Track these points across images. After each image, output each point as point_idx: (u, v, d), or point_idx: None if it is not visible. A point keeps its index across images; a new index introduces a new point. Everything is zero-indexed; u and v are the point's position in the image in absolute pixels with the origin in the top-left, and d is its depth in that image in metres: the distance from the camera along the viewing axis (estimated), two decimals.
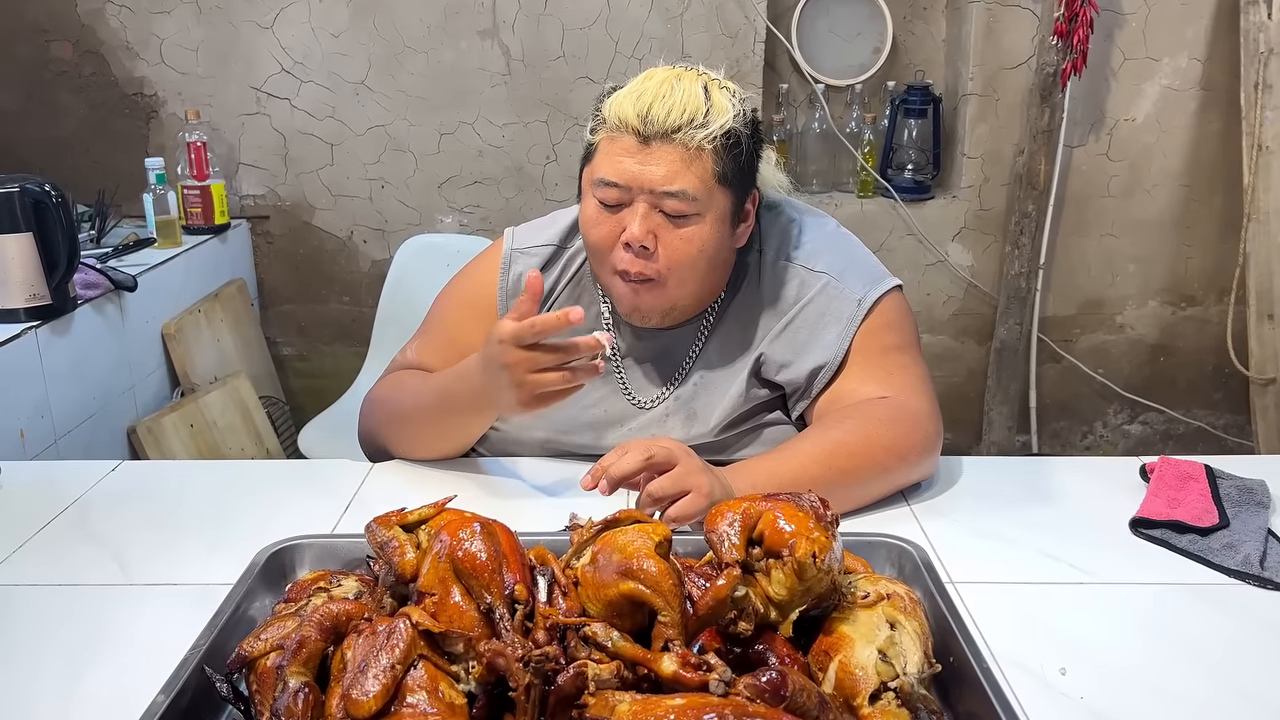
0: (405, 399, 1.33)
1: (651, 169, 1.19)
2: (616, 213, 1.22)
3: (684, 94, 1.19)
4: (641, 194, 1.19)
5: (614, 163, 1.20)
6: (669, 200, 1.19)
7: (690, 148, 1.18)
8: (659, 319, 1.28)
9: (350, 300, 3.09)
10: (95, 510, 1.23)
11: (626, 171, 1.19)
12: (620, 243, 1.21)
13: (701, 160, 1.19)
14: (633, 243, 1.19)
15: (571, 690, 0.73)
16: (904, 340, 1.32)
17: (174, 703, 0.80)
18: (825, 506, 0.88)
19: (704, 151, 1.19)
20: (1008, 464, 1.38)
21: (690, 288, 1.25)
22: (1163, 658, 0.94)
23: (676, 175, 1.18)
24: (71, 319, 2.10)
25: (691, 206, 1.19)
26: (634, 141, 1.19)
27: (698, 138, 1.18)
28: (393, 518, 0.89)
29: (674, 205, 1.19)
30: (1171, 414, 3.11)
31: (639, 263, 1.21)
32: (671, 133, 1.18)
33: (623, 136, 1.20)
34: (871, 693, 0.79)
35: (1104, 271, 3.01)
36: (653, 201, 1.19)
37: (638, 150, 1.19)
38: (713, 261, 1.25)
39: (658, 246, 1.20)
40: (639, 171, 1.19)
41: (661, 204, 1.19)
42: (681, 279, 1.23)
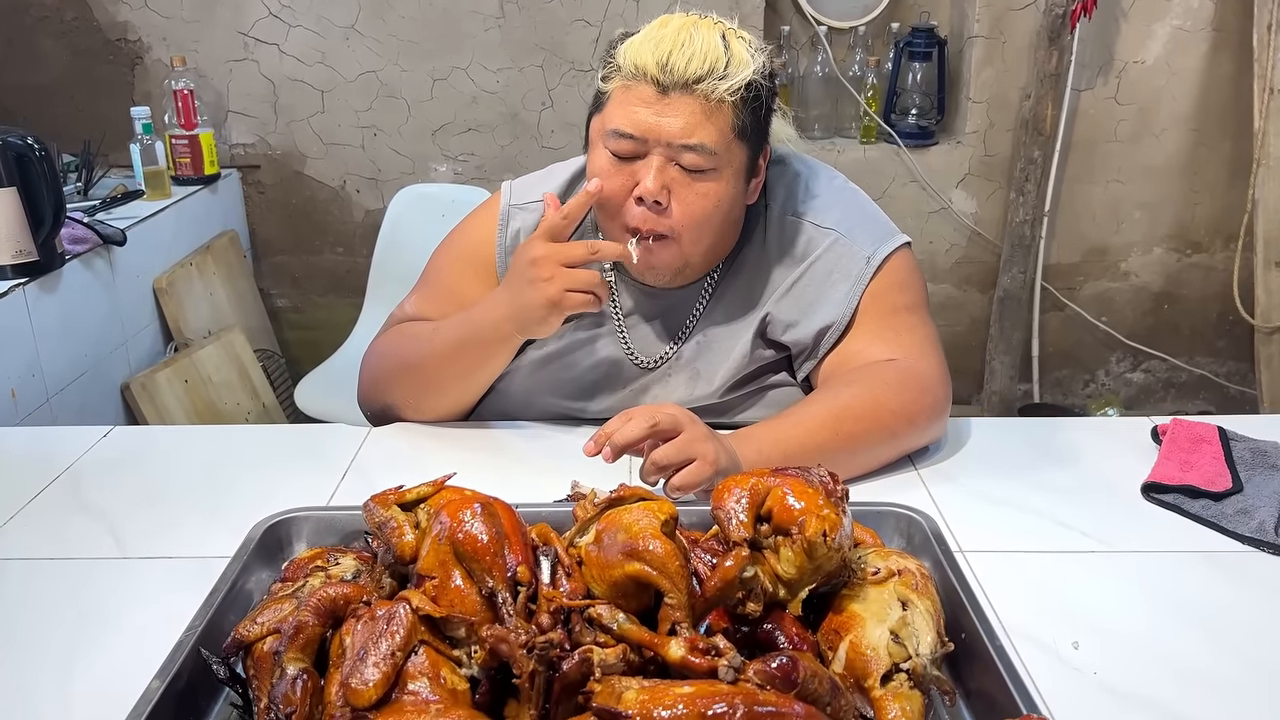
0: (418, 345, 1.29)
1: (669, 120, 1.14)
2: (629, 165, 1.17)
3: (703, 43, 1.14)
4: (658, 146, 1.15)
5: (629, 113, 1.15)
6: (687, 154, 1.15)
7: (711, 100, 1.14)
8: (671, 277, 1.24)
9: (344, 251, 3.05)
10: (87, 479, 1.21)
11: (643, 122, 1.15)
12: (633, 197, 1.17)
13: (721, 113, 1.15)
14: (646, 197, 1.15)
15: (577, 677, 0.71)
16: (913, 300, 1.28)
17: (169, 688, 0.78)
18: (835, 481, 0.86)
19: (724, 104, 1.14)
20: (1016, 425, 1.36)
21: (704, 245, 1.21)
22: (1176, 630, 0.92)
23: (696, 128, 1.14)
24: (60, 275, 2.06)
25: (709, 161, 1.15)
26: (652, 91, 1.14)
27: (719, 89, 1.13)
28: (390, 496, 0.86)
29: (692, 159, 1.15)
30: (1174, 362, 3.09)
31: (652, 218, 1.17)
32: (692, 83, 1.13)
33: (639, 85, 1.15)
34: (883, 674, 0.77)
35: (1109, 218, 2.96)
36: (669, 155, 1.15)
37: (655, 100, 1.14)
38: (727, 218, 1.21)
39: (671, 202, 1.16)
40: (656, 123, 1.14)
41: (679, 157, 1.15)
42: (696, 236, 1.19)
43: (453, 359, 1.26)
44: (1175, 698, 0.83)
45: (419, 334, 1.30)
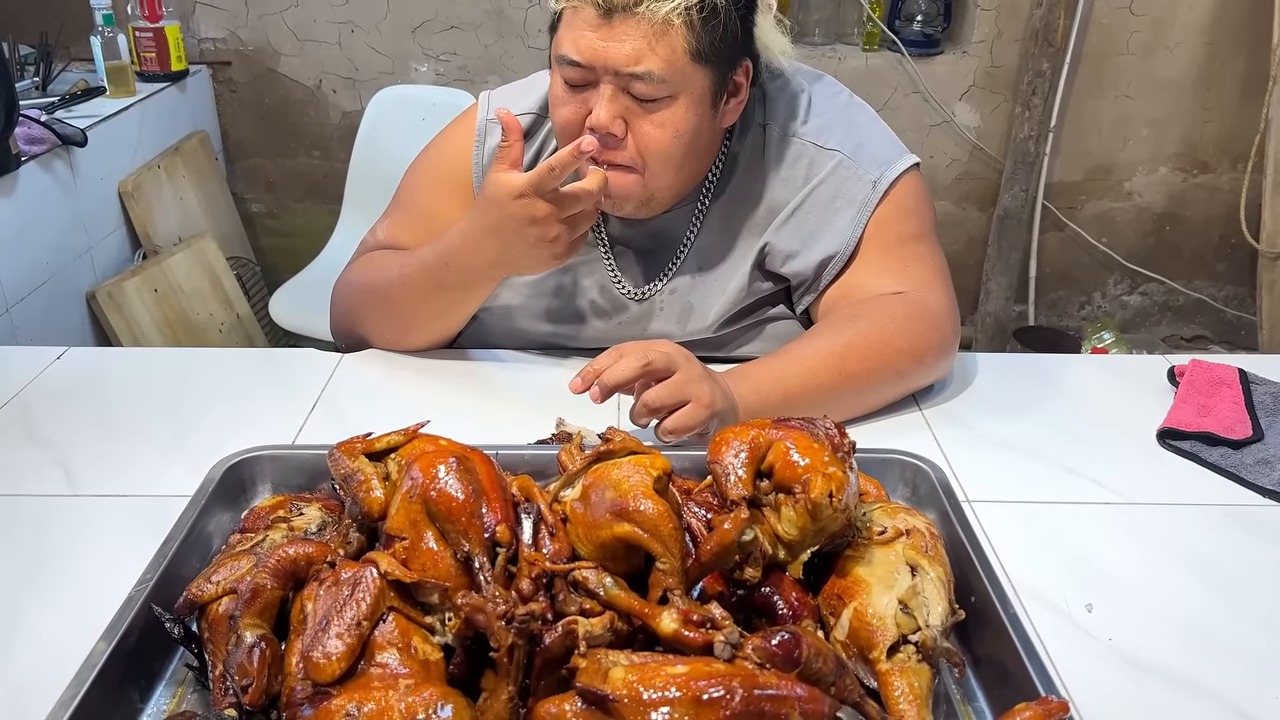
0: (390, 280, 1.20)
1: (615, 46, 1.03)
2: (582, 93, 1.07)
3: None
4: (606, 74, 1.04)
5: (575, 38, 1.05)
6: (636, 83, 1.04)
7: (656, 22, 1.02)
8: (634, 209, 1.15)
9: (321, 155, 2.92)
10: (38, 406, 1.13)
11: (588, 49, 1.04)
12: (586, 127, 1.07)
13: (670, 36, 1.03)
14: (598, 129, 1.05)
15: (560, 651, 0.66)
16: (921, 228, 1.20)
17: (118, 647, 0.72)
18: (842, 434, 0.80)
19: (672, 26, 1.02)
20: (1024, 361, 1.30)
21: (667, 178, 1.12)
22: (1194, 592, 0.87)
23: (642, 55, 1.03)
24: (16, 178, 1.95)
25: (661, 89, 1.05)
26: (595, 15, 1.03)
27: (662, 11, 1.02)
28: (358, 445, 0.79)
29: (642, 88, 1.04)
30: (1172, 285, 3.02)
31: (608, 150, 1.07)
32: (634, 5, 1.02)
33: (584, 8, 1.03)
34: (890, 646, 0.71)
35: (1116, 135, 2.86)
36: (619, 84, 1.05)
37: (599, 25, 1.03)
38: (691, 147, 1.11)
39: (628, 133, 1.07)
40: (602, 49, 1.03)
41: (629, 86, 1.05)
42: (657, 169, 1.10)
43: (430, 296, 1.18)
44: (1193, 667, 0.79)
45: (392, 267, 1.21)
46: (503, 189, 1.04)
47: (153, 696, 0.74)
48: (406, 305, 1.20)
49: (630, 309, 1.25)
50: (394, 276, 1.20)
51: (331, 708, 0.62)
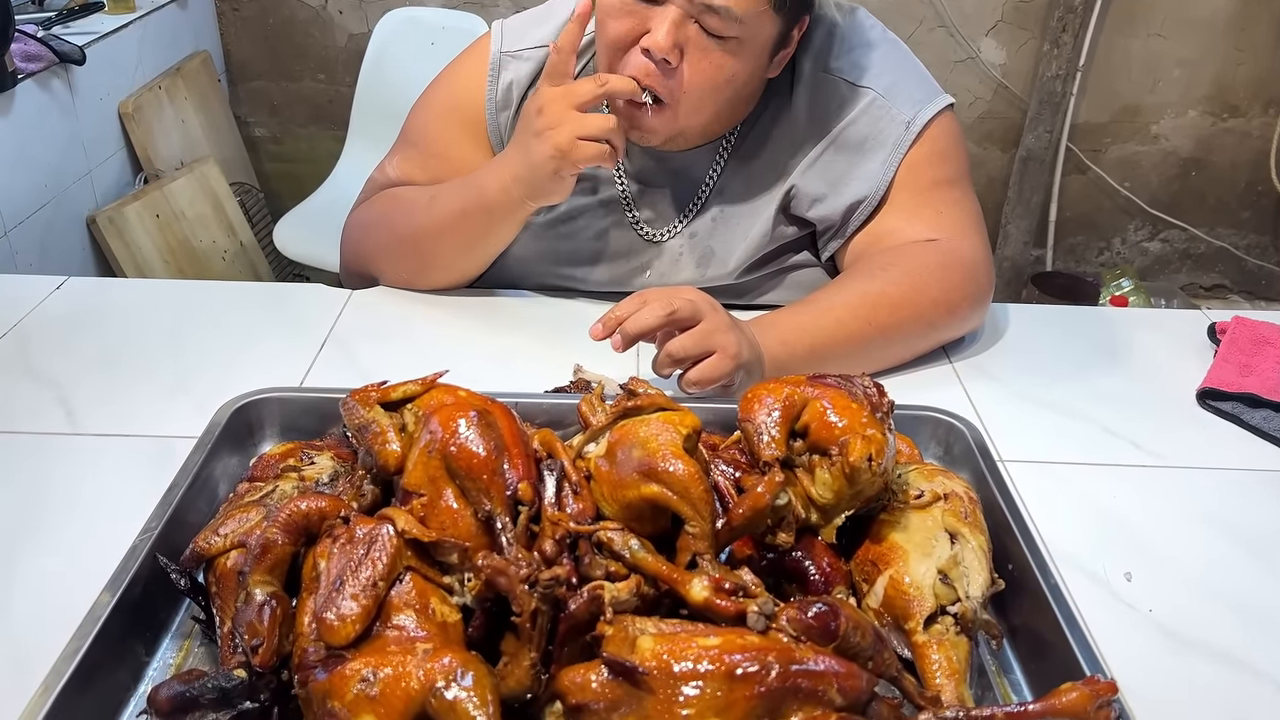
0: (413, 216, 1.15)
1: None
2: (643, 7, 1.01)
3: None
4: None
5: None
6: (710, 17, 0.97)
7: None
8: (659, 142, 1.09)
9: (326, 78, 2.84)
10: (37, 338, 1.09)
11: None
12: (639, 47, 1.01)
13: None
14: (655, 52, 0.98)
15: (585, 617, 0.62)
16: (956, 172, 1.15)
17: (123, 599, 0.69)
18: (881, 393, 0.76)
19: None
20: (1059, 314, 1.25)
21: (704, 117, 1.06)
22: (1235, 560, 0.84)
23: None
24: (12, 97, 1.88)
25: (733, 29, 0.98)
26: None
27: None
28: (372, 394, 0.75)
29: (715, 24, 0.98)
30: (1194, 232, 2.96)
31: (654, 76, 1.01)
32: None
33: None
34: (927, 616, 0.68)
35: (1145, 76, 2.77)
36: (689, 10, 0.98)
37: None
38: (739, 93, 1.06)
39: (681, 64, 1.00)
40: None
41: (700, 17, 0.98)
42: (697, 106, 1.04)
43: (453, 230, 1.12)
44: (1237, 640, 0.76)
45: (413, 202, 1.15)
46: (536, 99, 1.00)
47: (159, 650, 0.72)
48: (428, 241, 1.14)
49: (648, 252, 1.20)
50: (417, 211, 1.14)
51: (346, 672, 0.59)
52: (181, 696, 0.61)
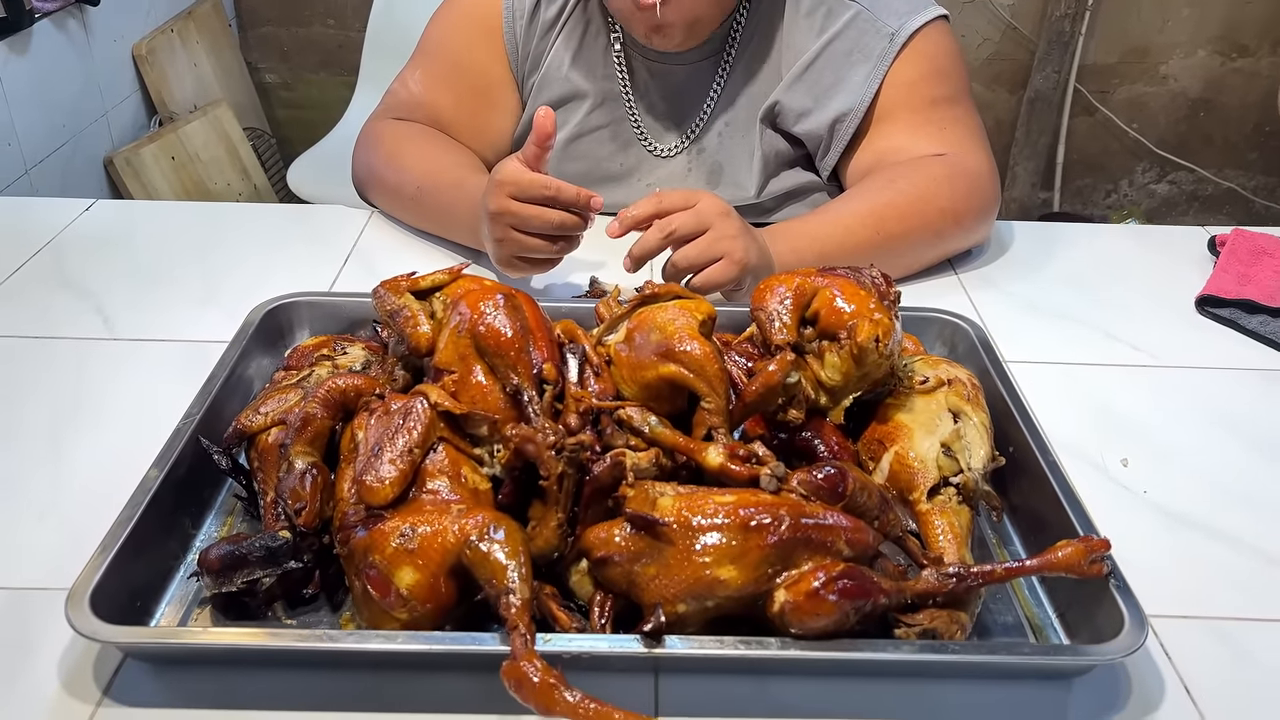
0: (403, 185, 1.16)
1: None
2: None
3: None
4: None
5: None
6: None
7: None
8: (682, 39, 1.11)
9: (336, 23, 2.84)
10: (70, 254, 1.13)
11: None
12: None
13: None
14: None
15: (608, 481, 0.66)
16: (955, 89, 1.17)
17: (169, 476, 0.73)
18: (888, 283, 0.79)
19: None
20: (1062, 230, 1.28)
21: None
22: (1229, 450, 0.87)
23: None
24: (30, 35, 1.90)
25: None
26: None
27: None
28: (402, 282, 0.78)
29: None
30: (1202, 173, 2.96)
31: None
32: None
33: None
34: (930, 488, 0.72)
35: (1155, 15, 2.76)
36: None
37: None
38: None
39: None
40: None
41: None
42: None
43: (437, 226, 1.16)
44: (1227, 519, 0.79)
45: (413, 170, 1.16)
46: (498, 169, 0.96)
47: (203, 524, 0.76)
48: (415, 217, 1.18)
49: (659, 169, 1.23)
50: (410, 186, 1.16)
51: (385, 529, 0.63)
52: (231, 555, 0.65)
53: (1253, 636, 0.69)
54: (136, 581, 0.68)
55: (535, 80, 1.22)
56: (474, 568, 0.62)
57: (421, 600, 0.62)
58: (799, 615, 0.60)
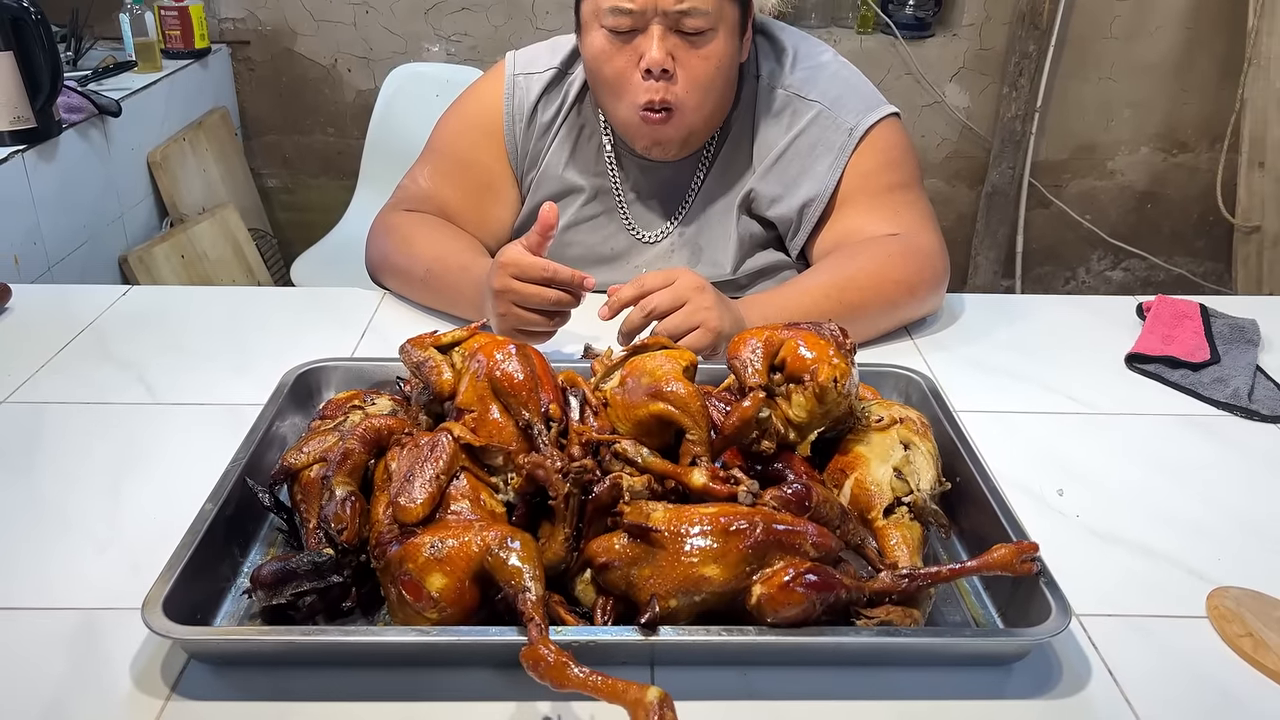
0: (413, 268, 1.28)
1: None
2: (629, 41, 1.19)
3: None
4: (656, 16, 1.17)
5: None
6: (685, 19, 1.17)
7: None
8: (678, 149, 1.27)
9: (336, 132, 3.03)
10: (112, 333, 1.24)
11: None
12: (640, 70, 1.19)
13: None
14: (655, 67, 1.17)
15: (608, 500, 0.77)
16: (907, 177, 1.32)
17: (221, 511, 0.83)
18: (845, 335, 0.91)
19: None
20: (1008, 301, 1.41)
21: (707, 110, 1.24)
22: (1154, 481, 0.99)
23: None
24: (57, 144, 2.06)
25: (707, 21, 1.17)
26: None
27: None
28: (426, 339, 0.90)
29: (691, 23, 1.17)
30: (1154, 260, 3.15)
31: (660, 87, 1.19)
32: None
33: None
34: (886, 507, 0.83)
35: (1099, 116, 2.98)
36: (668, 23, 1.17)
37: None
38: (728, 78, 1.24)
39: (677, 69, 1.19)
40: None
41: (678, 24, 1.17)
42: (700, 101, 1.22)
43: (445, 304, 1.27)
44: (1151, 537, 0.91)
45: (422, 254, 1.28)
46: (501, 253, 1.09)
47: (249, 554, 0.86)
48: (424, 297, 1.30)
49: (646, 252, 1.37)
50: (419, 268, 1.27)
51: (418, 542, 0.74)
52: (281, 570, 0.75)
53: (1167, 630, 0.80)
54: (196, 598, 0.77)
55: (534, 176, 1.37)
56: (495, 572, 0.72)
57: (449, 602, 0.72)
58: (773, 605, 0.71)
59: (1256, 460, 1.03)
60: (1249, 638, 0.78)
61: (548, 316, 1.10)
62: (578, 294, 1.09)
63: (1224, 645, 0.78)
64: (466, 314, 1.24)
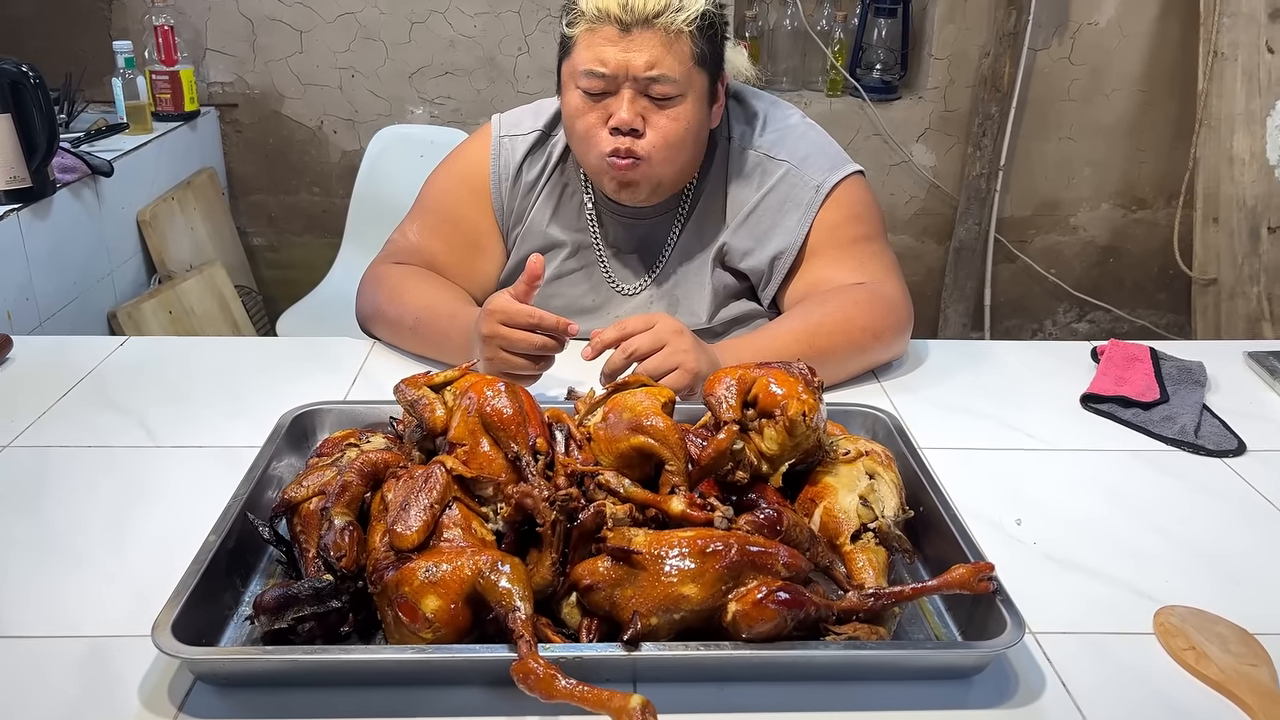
0: (403, 317, 1.34)
1: (635, 55, 1.24)
2: (601, 101, 1.27)
3: None
4: (627, 81, 1.25)
5: (598, 53, 1.25)
6: (654, 85, 1.24)
7: (670, 31, 1.24)
8: (646, 195, 1.33)
9: (321, 191, 3.10)
10: (111, 381, 1.29)
11: (611, 60, 1.24)
12: (608, 128, 1.26)
13: (681, 43, 1.25)
14: (623, 126, 1.25)
15: (592, 526, 0.82)
16: (871, 230, 1.39)
17: (223, 544, 0.87)
18: (812, 373, 0.97)
19: (683, 34, 1.25)
20: (970, 346, 1.49)
21: (675, 164, 1.32)
22: (1107, 512, 1.05)
23: (659, 60, 1.24)
24: (51, 203, 2.11)
25: (675, 88, 1.25)
26: (615, 30, 1.24)
27: (677, 20, 1.23)
28: (420, 379, 0.96)
29: (660, 89, 1.25)
30: (1118, 313, 3.25)
31: (627, 140, 1.27)
32: (652, 18, 1.23)
33: (603, 26, 1.24)
34: (853, 533, 0.89)
35: (1060, 174, 3.10)
36: (638, 88, 1.25)
37: (620, 38, 1.24)
38: (697, 139, 1.32)
39: (645, 128, 1.26)
40: (624, 59, 1.24)
41: (647, 89, 1.25)
42: (668, 156, 1.29)
43: (430, 351, 1.32)
44: (1103, 562, 0.96)
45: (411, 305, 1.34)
46: (490, 300, 1.17)
47: (250, 584, 0.90)
48: (414, 346, 1.35)
49: (626, 304, 1.44)
50: (409, 318, 1.33)
51: (413, 566, 0.78)
52: (283, 596, 0.80)
53: (1117, 645, 0.85)
54: (201, 624, 0.81)
55: (519, 232, 1.43)
56: (486, 593, 0.77)
57: (444, 622, 0.77)
58: (748, 621, 0.76)
59: (1202, 491, 1.09)
60: (1192, 651, 0.83)
61: (533, 360, 1.17)
62: (561, 339, 1.16)
63: (1169, 659, 0.84)
64: (455, 360, 1.29)
